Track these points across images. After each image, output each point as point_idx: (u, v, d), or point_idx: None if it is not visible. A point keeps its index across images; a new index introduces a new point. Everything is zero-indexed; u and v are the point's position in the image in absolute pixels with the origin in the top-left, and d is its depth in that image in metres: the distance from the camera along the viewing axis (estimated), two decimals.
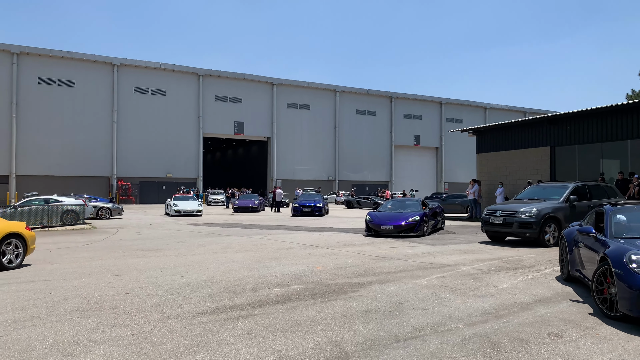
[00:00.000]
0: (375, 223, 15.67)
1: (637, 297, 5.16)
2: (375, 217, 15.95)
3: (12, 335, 5.03)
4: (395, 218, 15.59)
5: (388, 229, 15.26)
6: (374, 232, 15.68)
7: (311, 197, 30.20)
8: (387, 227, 15.31)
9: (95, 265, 9.87)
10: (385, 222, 15.47)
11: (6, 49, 43.53)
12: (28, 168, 44.48)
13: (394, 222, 15.36)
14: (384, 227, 15.35)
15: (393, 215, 15.86)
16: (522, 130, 22.83)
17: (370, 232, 15.94)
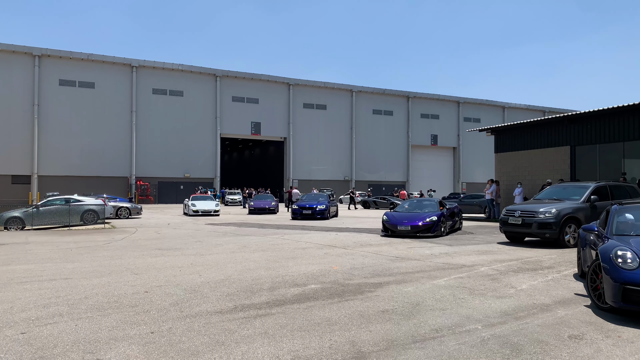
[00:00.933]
0: (392, 223, 15.59)
1: (619, 289, 5.67)
2: (392, 217, 15.86)
3: (34, 332, 5.12)
4: (412, 218, 15.49)
5: (405, 229, 15.17)
6: (390, 232, 15.59)
7: (315, 197, 26.59)
8: (404, 227, 15.21)
9: (114, 264, 10.00)
10: (402, 222, 15.37)
11: (28, 51, 44.37)
12: (49, 168, 45.27)
13: (411, 222, 15.27)
14: (401, 227, 15.26)
15: (410, 216, 15.76)
16: (542, 130, 22.52)
17: (387, 233, 15.86)
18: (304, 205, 24.94)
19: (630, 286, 5.60)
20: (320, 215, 24.27)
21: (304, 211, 24.41)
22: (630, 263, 5.78)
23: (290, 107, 56.03)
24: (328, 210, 24.85)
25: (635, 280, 5.59)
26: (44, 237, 15.98)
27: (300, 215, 24.33)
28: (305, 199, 27.03)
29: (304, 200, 26.36)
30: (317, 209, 24.40)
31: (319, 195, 27.04)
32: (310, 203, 25.18)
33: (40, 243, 14.16)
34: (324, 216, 24.39)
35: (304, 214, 24.32)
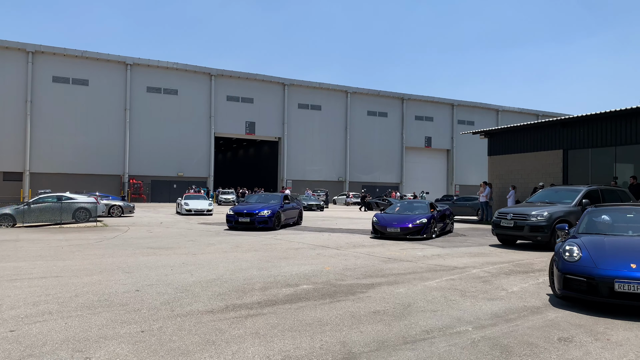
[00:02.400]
0: (381, 225, 15.43)
1: (561, 278, 6.51)
2: (382, 219, 15.73)
3: (23, 330, 5.09)
4: (402, 220, 15.33)
5: (394, 231, 15.00)
6: (380, 234, 15.46)
7: (264, 199, 20.16)
8: (393, 229, 15.04)
9: (106, 262, 9.95)
10: (391, 224, 15.19)
11: (22, 47, 44.08)
12: (41, 165, 44.98)
13: (400, 224, 15.10)
14: (391, 229, 15.09)
15: (400, 218, 15.61)
16: (535, 133, 22.64)
17: (376, 234, 15.71)
18: (242, 210, 18.37)
19: (569, 275, 6.39)
20: (263, 224, 17.73)
21: (241, 218, 18.03)
22: (573, 256, 6.55)
23: (285, 107, 56.00)
24: (276, 218, 18.11)
25: (574, 270, 6.36)
26: (35, 235, 15.88)
27: (234, 224, 18.16)
28: (252, 200, 21.25)
29: (245, 205, 19.94)
30: (258, 216, 17.81)
31: (270, 197, 20.37)
32: (252, 207, 18.50)
33: (31, 241, 14.06)
34: (269, 225, 17.75)
35: (240, 222, 17.99)
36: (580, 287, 6.26)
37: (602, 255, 6.42)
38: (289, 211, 19.90)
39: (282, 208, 19.07)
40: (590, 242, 6.88)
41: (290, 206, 20.31)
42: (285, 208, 19.41)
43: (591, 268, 6.23)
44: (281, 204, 19.40)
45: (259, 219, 17.80)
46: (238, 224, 18.04)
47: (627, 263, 6.15)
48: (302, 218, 21.80)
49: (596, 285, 6.09)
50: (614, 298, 5.98)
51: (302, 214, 21.90)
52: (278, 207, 18.60)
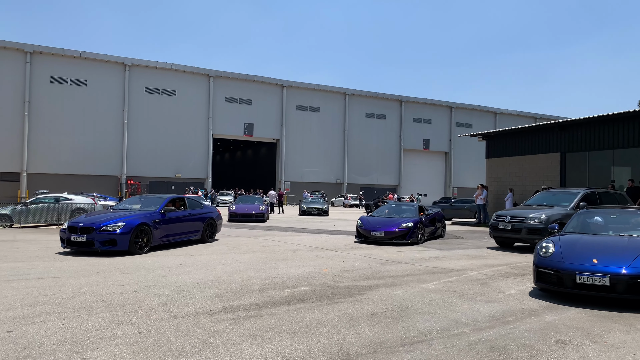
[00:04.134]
0: (365, 229, 14.69)
1: (535, 272, 7.28)
2: (366, 223, 14.93)
3: (21, 331, 5.07)
4: (387, 224, 14.58)
5: (378, 235, 14.30)
6: (364, 237, 14.75)
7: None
8: (377, 233, 14.34)
9: (103, 263, 9.93)
10: (376, 228, 14.46)
11: (20, 47, 44.00)
12: (39, 166, 44.87)
13: (385, 228, 14.36)
14: (375, 233, 14.38)
15: (385, 221, 14.87)
16: (533, 136, 22.69)
17: (360, 238, 15.04)
18: (77, 224, 11.46)
19: (541, 269, 7.18)
20: (109, 247, 11.10)
21: (74, 237, 11.27)
22: (548, 252, 7.27)
23: (284, 109, 56.02)
24: (138, 234, 11.44)
25: (545, 264, 7.14)
26: (33, 235, 15.84)
27: (67, 245, 11.47)
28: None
29: (110, 212, 12.91)
30: (99, 232, 11.11)
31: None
32: (95, 219, 11.59)
33: (28, 241, 14.03)
34: (120, 247, 11.11)
35: (72, 244, 11.35)
36: (550, 280, 7.05)
37: (571, 252, 7.16)
38: (177, 224, 13.00)
39: (156, 218, 12.19)
40: (565, 240, 7.59)
41: (179, 215, 13.15)
42: (162, 219, 12.38)
43: (559, 262, 7.01)
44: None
45: (102, 237, 11.00)
46: (71, 246, 11.36)
47: (590, 258, 6.90)
48: (214, 232, 14.54)
49: (562, 277, 6.87)
50: (576, 289, 6.75)
51: (215, 225, 14.51)
52: (140, 219, 11.66)
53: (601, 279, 6.55)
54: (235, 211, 23.94)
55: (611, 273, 6.52)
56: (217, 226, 14.79)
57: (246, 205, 24.57)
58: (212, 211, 14.86)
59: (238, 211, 23.92)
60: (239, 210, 23.93)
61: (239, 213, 23.80)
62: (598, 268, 6.65)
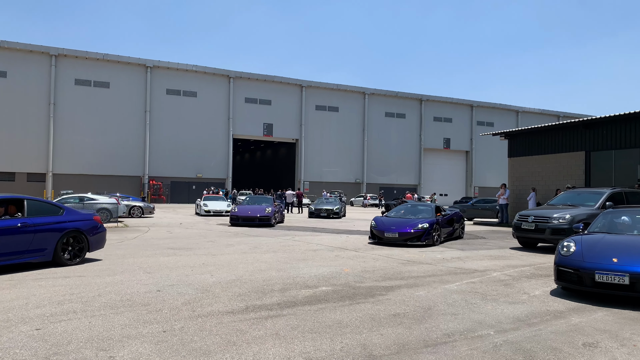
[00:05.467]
0: (379, 229, 14.31)
1: (555, 270, 7.41)
2: (380, 223, 14.56)
3: (49, 329, 5.18)
4: (401, 225, 14.14)
5: (392, 237, 13.89)
6: (378, 239, 14.39)
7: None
8: (391, 234, 13.93)
9: (127, 262, 10.08)
10: (390, 229, 14.04)
11: (45, 51, 44.97)
12: (64, 167, 45.80)
13: (399, 229, 13.92)
14: (388, 234, 13.98)
15: (400, 222, 14.42)
16: (556, 135, 22.30)
17: (374, 240, 14.66)
18: None
19: (562, 268, 7.23)
20: None
21: None
22: (569, 251, 7.30)
23: (303, 109, 56.13)
24: None
25: (565, 263, 7.18)
26: None
27: None
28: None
29: None
30: None
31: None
32: None
33: None
34: None
35: None
36: (570, 278, 7.12)
37: (592, 251, 7.18)
38: None
39: None
40: (587, 240, 7.58)
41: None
42: None
43: (579, 261, 7.06)
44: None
45: None
46: None
47: (611, 257, 6.90)
48: (83, 249, 9.98)
49: (581, 276, 6.92)
50: (596, 287, 6.79)
51: (84, 239, 9.94)
52: None
53: (620, 277, 6.56)
54: (237, 214, 21.18)
55: (630, 272, 6.53)
56: (91, 241, 10.19)
57: (249, 207, 21.74)
58: (80, 219, 10.16)
59: (240, 214, 21.10)
60: (240, 213, 21.14)
61: (241, 216, 20.99)
62: (617, 267, 6.67)
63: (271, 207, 21.28)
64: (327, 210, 27.97)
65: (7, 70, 43.97)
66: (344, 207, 29.64)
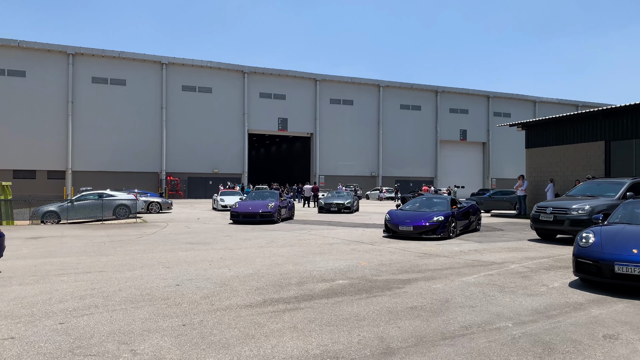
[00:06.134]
0: (394, 223, 14.15)
1: (574, 262, 7.29)
2: (395, 217, 14.41)
3: (72, 323, 5.29)
4: (416, 218, 13.96)
5: (407, 230, 13.74)
6: (392, 232, 14.24)
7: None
8: (405, 227, 13.77)
9: (146, 257, 10.23)
10: (404, 222, 13.90)
11: (63, 50, 45.58)
12: (83, 164, 46.50)
13: (414, 222, 13.76)
14: (403, 227, 13.82)
15: (415, 215, 14.22)
16: (575, 124, 21.96)
17: (388, 233, 14.51)
18: None
19: (580, 259, 7.16)
20: None
21: None
22: (588, 242, 7.23)
23: (317, 103, 56.08)
24: None
25: (584, 254, 7.10)
26: (79, 231, 16.44)
27: None
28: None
29: None
30: None
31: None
32: None
33: (75, 237, 14.57)
34: None
35: None
36: (589, 270, 7.03)
37: (611, 242, 7.08)
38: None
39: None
40: (607, 231, 7.49)
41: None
42: None
43: (598, 252, 6.98)
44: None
45: None
46: None
47: (630, 248, 6.81)
48: None
49: (600, 267, 6.84)
50: (615, 279, 6.71)
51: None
52: None
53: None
54: (237, 210, 19.39)
55: None
56: None
57: (251, 203, 20.07)
58: None
59: (240, 210, 19.32)
60: (241, 209, 19.34)
61: (241, 212, 19.20)
62: (637, 258, 6.58)
63: (274, 202, 19.71)
64: (338, 204, 26.33)
65: (26, 70, 44.70)
66: (356, 200, 28.38)
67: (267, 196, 21.17)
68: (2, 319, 5.45)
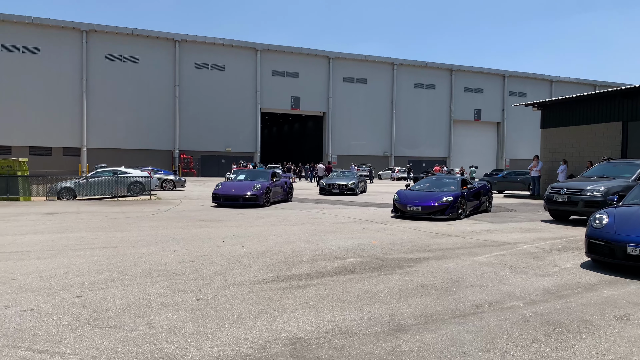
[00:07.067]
0: (402, 203, 13.97)
1: (587, 243, 7.27)
2: (403, 197, 14.24)
3: (89, 297, 5.42)
4: (425, 198, 13.80)
5: (415, 210, 13.57)
6: (400, 212, 14.03)
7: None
8: (414, 207, 13.59)
9: (161, 234, 10.38)
10: (413, 202, 13.72)
11: (76, 27, 45.63)
12: (97, 141, 46.94)
13: (423, 202, 13.59)
14: (411, 207, 13.64)
15: (423, 195, 14.07)
16: (592, 104, 21.58)
17: (397, 213, 14.28)
18: None
19: (593, 240, 7.13)
20: None
21: None
22: (601, 223, 7.18)
23: (330, 81, 55.67)
24: None
25: (597, 236, 7.08)
26: (94, 207, 16.69)
27: None
28: None
29: None
30: None
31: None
32: None
33: (90, 213, 14.81)
34: None
35: None
36: (602, 251, 7.00)
37: (625, 223, 7.03)
38: None
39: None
40: (621, 212, 7.44)
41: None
42: None
43: (611, 234, 6.92)
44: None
45: None
46: None
47: None
48: None
49: (613, 249, 6.80)
50: (628, 260, 6.68)
51: None
52: None
53: None
54: (219, 192, 17.43)
55: None
56: None
57: (235, 184, 17.90)
58: None
59: (221, 192, 17.35)
60: (222, 192, 17.37)
61: (222, 195, 17.25)
62: None
63: (261, 184, 17.51)
64: (340, 185, 24.09)
65: (41, 47, 44.88)
66: (363, 181, 26.51)
67: (259, 176, 18.99)
68: (22, 291, 5.60)
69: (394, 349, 3.98)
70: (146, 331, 4.33)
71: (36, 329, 4.34)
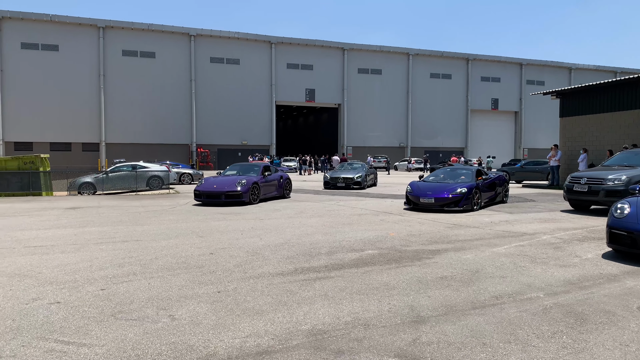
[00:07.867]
0: (415, 194, 13.71)
1: (608, 233, 7.14)
2: (416, 188, 13.97)
3: (112, 289, 5.53)
4: (438, 189, 13.53)
5: (428, 202, 13.30)
6: (413, 204, 13.82)
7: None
8: (427, 199, 13.32)
9: (180, 227, 10.50)
10: (425, 194, 13.44)
11: (93, 23, 46.12)
12: (116, 136, 47.55)
13: (436, 194, 13.32)
14: (424, 199, 13.37)
15: (437, 187, 13.80)
16: (612, 92, 21.16)
17: (409, 205, 14.10)
18: None
19: (615, 230, 7.00)
20: None
21: None
22: (623, 213, 7.06)
23: (345, 73, 55.47)
24: None
25: (619, 226, 6.95)
26: (114, 202, 16.93)
27: None
28: None
29: None
30: None
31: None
32: None
33: (111, 207, 15.03)
34: None
35: None
36: (624, 241, 6.89)
37: None
38: None
39: None
40: None
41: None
42: None
43: (634, 224, 6.79)
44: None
45: None
46: None
47: None
48: None
49: (635, 239, 6.66)
50: None
51: None
52: None
53: None
54: (200, 189, 15.77)
55: None
56: None
57: (218, 180, 16.19)
58: None
59: (203, 189, 15.71)
60: (204, 188, 15.73)
61: (203, 192, 15.60)
62: None
63: (247, 179, 15.78)
64: (346, 179, 22.17)
65: (59, 44, 45.50)
66: (373, 174, 24.58)
67: (248, 171, 17.17)
68: (48, 284, 5.74)
69: (413, 340, 4.00)
70: (169, 323, 4.41)
71: (63, 321, 4.45)
